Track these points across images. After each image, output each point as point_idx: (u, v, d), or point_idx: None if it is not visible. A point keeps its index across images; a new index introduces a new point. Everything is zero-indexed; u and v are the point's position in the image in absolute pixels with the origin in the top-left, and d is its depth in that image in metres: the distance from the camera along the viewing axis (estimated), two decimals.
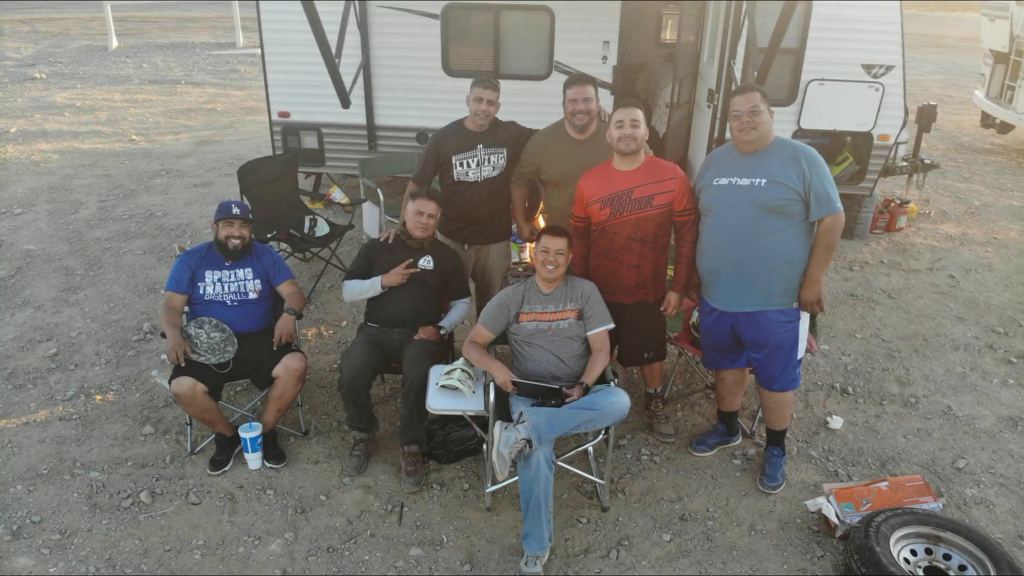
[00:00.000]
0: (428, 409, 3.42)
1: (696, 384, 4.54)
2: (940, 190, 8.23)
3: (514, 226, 4.36)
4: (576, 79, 3.83)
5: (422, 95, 6.16)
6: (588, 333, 3.51)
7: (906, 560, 3.03)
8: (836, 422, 4.15)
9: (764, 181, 3.20)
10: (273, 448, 3.78)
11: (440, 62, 6.10)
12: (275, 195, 5.52)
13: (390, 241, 3.92)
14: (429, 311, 3.90)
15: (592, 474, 3.65)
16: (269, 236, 5.13)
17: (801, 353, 3.47)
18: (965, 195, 8.13)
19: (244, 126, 10.62)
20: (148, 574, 3.12)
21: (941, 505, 3.38)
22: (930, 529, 3.09)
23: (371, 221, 6.03)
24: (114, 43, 16.99)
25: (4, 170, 8.21)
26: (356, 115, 6.16)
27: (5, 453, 3.79)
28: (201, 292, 3.78)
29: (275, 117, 6.31)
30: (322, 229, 5.50)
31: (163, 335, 3.66)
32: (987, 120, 10.27)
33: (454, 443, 3.79)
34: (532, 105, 5.15)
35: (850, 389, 4.50)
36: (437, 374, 3.53)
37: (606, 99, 5.82)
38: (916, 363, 4.80)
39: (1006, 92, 9.72)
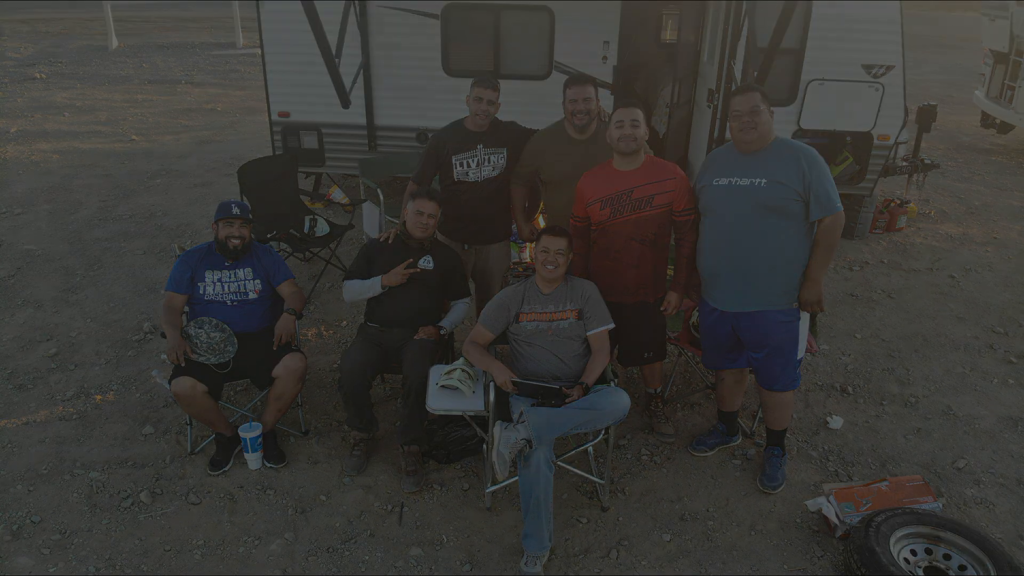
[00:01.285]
0: (428, 409, 3.42)
1: (696, 384, 4.54)
2: (940, 190, 8.23)
3: (514, 226, 4.36)
4: (576, 79, 3.84)
5: (422, 95, 6.16)
6: (588, 333, 3.51)
7: (906, 560, 3.03)
8: (836, 422, 4.15)
9: (764, 181, 3.20)
10: (273, 448, 3.78)
11: (440, 62, 6.10)
12: (275, 195, 5.52)
13: (390, 241, 3.92)
14: (429, 311, 3.90)
15: (592, 474, 3.64)
16: (269, 236, 5.13)
17: (801, 353, 3.47)
18: (965, 195, 8.13)
19: (244, 126, 10.62)
20: (148, 574, 3.12)
21: (941, 505, 3.39)
22: (930, 529, 3.09)
23: (371, 221, 6.03)
24: (114, 43, 16.98)
25: (4, 170, 8.21)
26: (356, 115, 6.16)
27: (5, 453, 3.79)
28: (201, 292, 3.78)
29: (275, 117, 6.31)
30: (322, 229, 5.50)
31: (163, 335, 3.66)
32: (987, 120, 10.26)
33: (454, 443, 3.79)
34: (532, 105, 5.15)
35: (850, 389, 4.50)
36: (437, 374, 3.53)
37: (606, 99, 5.82)
38: (916, 363, 4.80)
39: (1006, 92, 9.71)
